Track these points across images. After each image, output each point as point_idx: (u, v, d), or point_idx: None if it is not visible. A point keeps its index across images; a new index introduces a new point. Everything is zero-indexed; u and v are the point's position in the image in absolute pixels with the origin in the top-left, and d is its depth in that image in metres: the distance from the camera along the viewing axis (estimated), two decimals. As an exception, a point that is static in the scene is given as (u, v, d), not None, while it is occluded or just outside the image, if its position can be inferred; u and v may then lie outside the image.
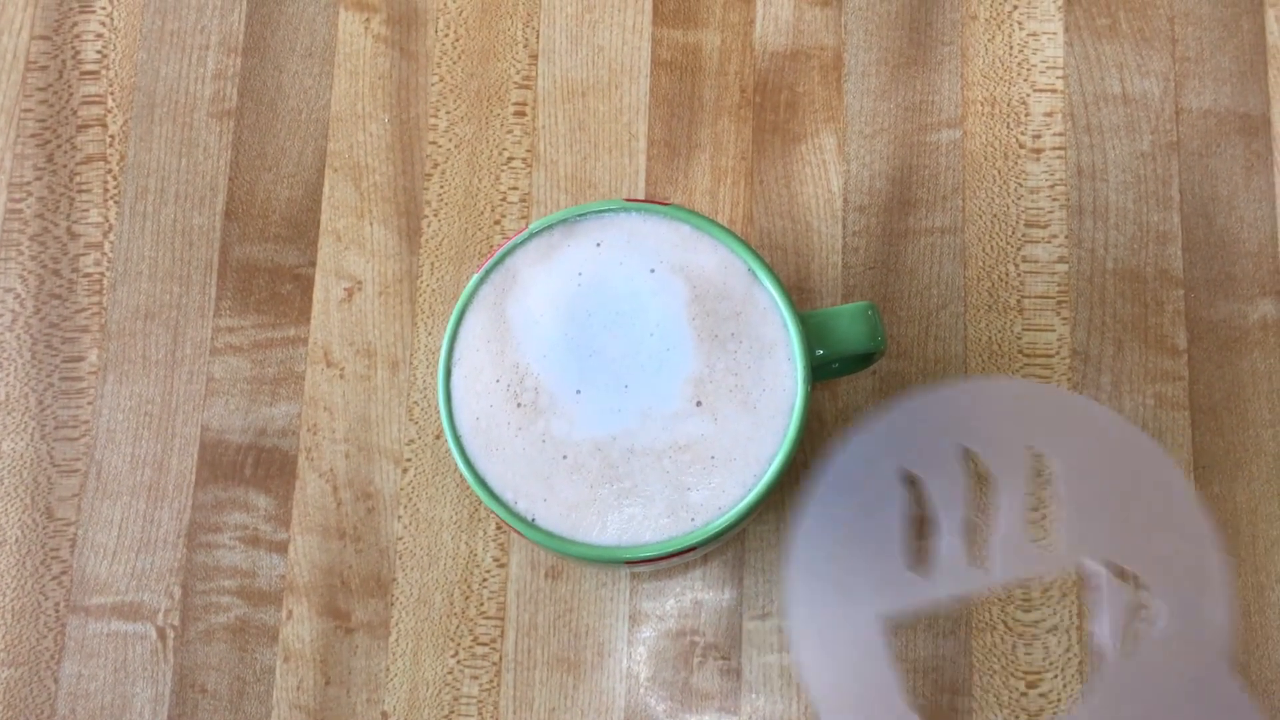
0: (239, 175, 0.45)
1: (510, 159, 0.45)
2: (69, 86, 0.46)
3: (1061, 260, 0.43)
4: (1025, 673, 0.40)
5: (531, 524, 0.33)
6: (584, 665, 0.41)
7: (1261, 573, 0.41)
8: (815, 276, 0.43)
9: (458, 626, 0.41)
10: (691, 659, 0.41)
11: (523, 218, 0.44)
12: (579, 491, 0.33)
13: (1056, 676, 0.40)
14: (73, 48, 0.46)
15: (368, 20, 0.46)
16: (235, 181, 0.45)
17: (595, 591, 0.41)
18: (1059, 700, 0.40)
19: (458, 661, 0.41)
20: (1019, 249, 0.43)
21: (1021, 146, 0.44)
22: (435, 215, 0.44)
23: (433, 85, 0.45)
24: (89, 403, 0.43)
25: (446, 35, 0.46)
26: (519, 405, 0.34)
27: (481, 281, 0.35)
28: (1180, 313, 0.43)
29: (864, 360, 0.37)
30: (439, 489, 0.42)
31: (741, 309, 0.34)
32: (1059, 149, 0.44)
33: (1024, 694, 0.40)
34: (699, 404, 0.33)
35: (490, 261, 0.35)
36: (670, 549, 0.33)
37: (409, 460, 0.42)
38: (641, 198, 0.43)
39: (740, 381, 0.34)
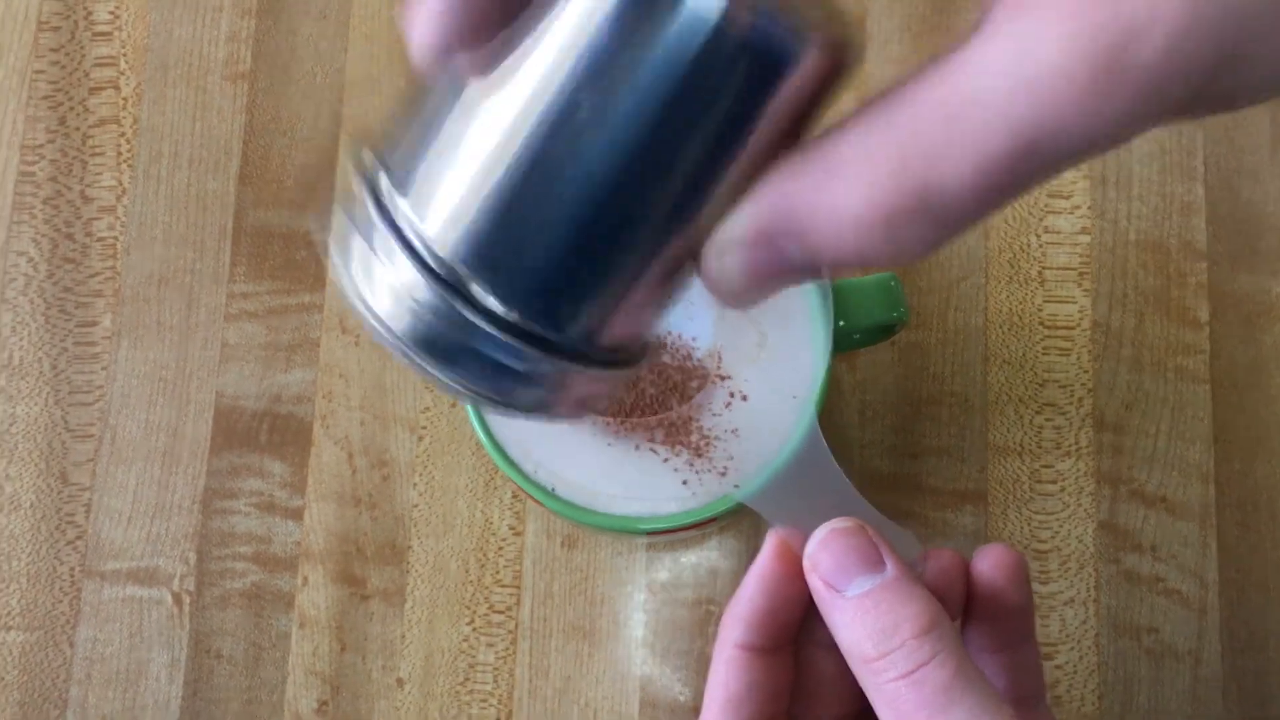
0: (253, 139, 0.44)
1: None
2: (81, 48, 0.45)
3: (1084, 231, 0.43)
4: (1042, 644, 0.40)
5: (551, 493, 0.33)
6: (599, 633, 0.41)
7: (1280, 547, 0.40)
8: (835, 246, 0.43)
9: (473, 594, 0.41)
10: (707, 628, 0.41)
11: (539, 184, 0.44)
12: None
13: (1073, 649, 0.40)
14: (85, 8, 0.45)
15: (383, -18, 0.45)
16: (250, 146, 0.44)
17: (611, 560, 0.41)
18: (1075, 672, 0.40)
19: (473, 629, 0.41)
20: (1041, 219, 0.43)
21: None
22: (451, 181, 0.44)
23: (449, 49, 0.45)
24: (103, 368, 0.43)
25: (463, -2, 0.45)
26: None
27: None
28: (1203, 285, 0.42)
29: (885, 331, 0.37)
30: (455, 457, 0.42)
31: (764, 278, 0.34)
32: (1083, 118, 0.43)
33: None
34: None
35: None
36: (690, 519, 0.33)
37: (424, 428, 0.42)
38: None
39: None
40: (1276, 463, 0.41)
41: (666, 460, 0.33)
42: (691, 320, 0.33)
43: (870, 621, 0.26)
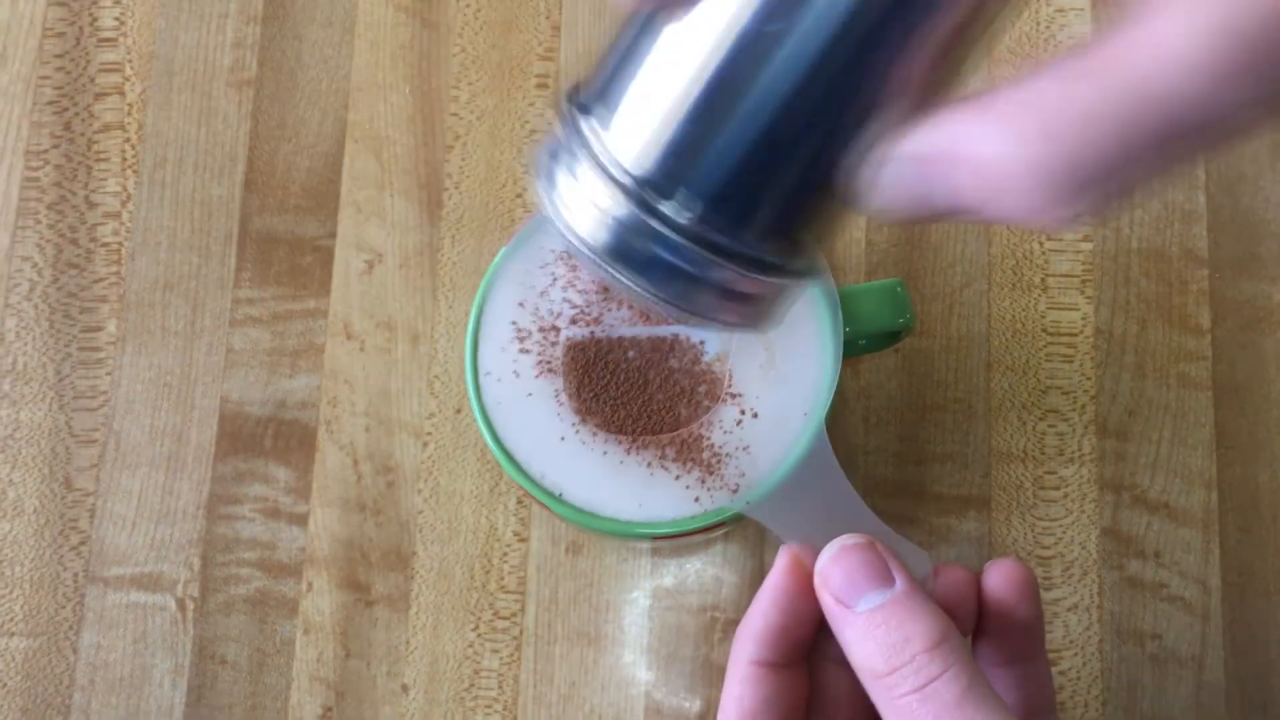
0: (258, 145, 0.44)
1: (532, 131, 0.44)
2: (86, 53, 0.45)
3: (1086, 239, 0.43)
4: (1046, 650, 0.40)
5: (559, 499, 0.33)
6: (604, 640, 0.41)
7: (1282, 553, 0.41)
8: (839, 252, 0.43)
9: (478, 600, 0.41)
10: (712, 635, 0.41)
11: (544, 191, 0.44)
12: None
13: (1077, 654, 0.40)
14: (90, 14, 0.46)
15: (388, -11, 0.45)
16: (255, 151, 0.44)
17: (616, 566, 0.41)
18: (1079, 678, 0.40)
19: (478, 635, 0.41)
20: (1044, 227, 0.43)
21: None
22: (456, 188, 0.44)
23: (454, 56, 0.45)
24: (108, 373, 0.43)
25: (468, 6, 0.45)
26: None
27: (509, 254, 0.34)
28: (1205, 292, 0.42)
29: (890, 338, 0.37)
30: (460, 463, 0.42)
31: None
32: (1085, 127, 0.44)
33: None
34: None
35: (518, 234, 0.34)
36: (696, 525, 0.33)
37: (429, 434, 0.42)
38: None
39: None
40: (1278, 468, 0.41)
41: (679, 478, 0.33)
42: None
43: (880, 636, 0.26)
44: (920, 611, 0.27)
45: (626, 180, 0.22)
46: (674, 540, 0.39)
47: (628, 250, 0.23)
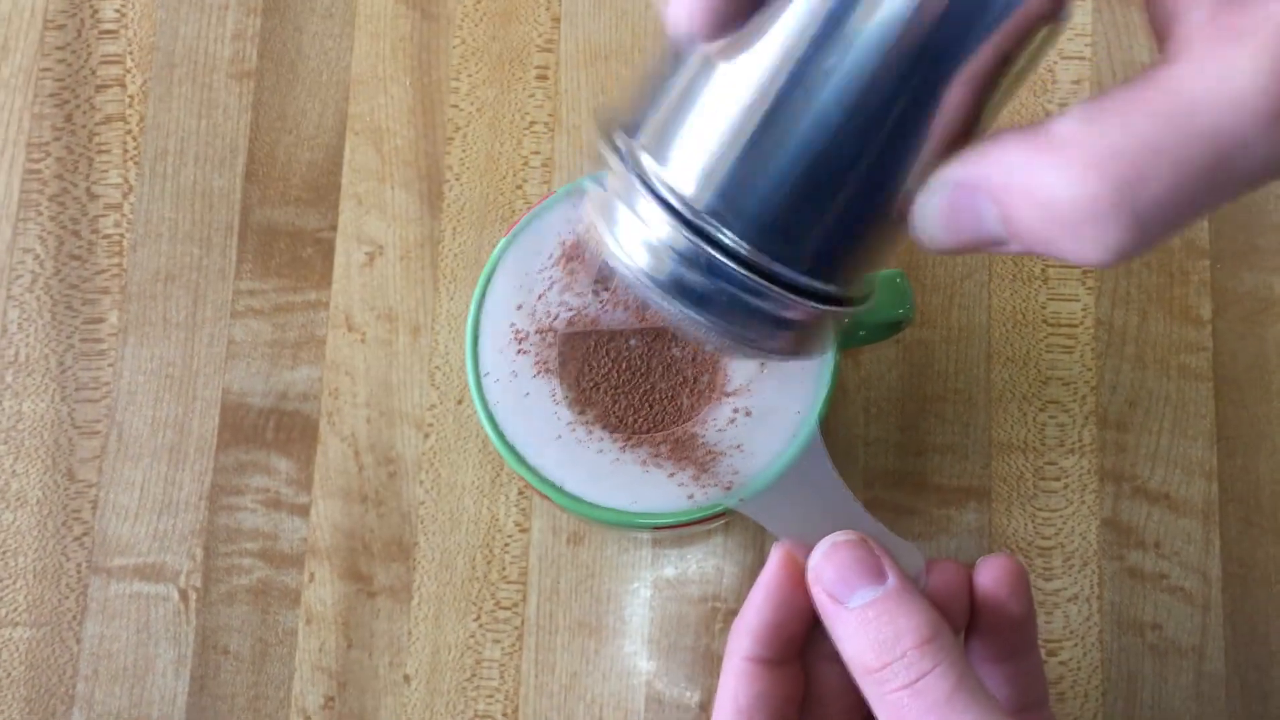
0: (259, 137, 0.45)
1: (532, 123, 0.44)
2: (87, 45, 0.45)
3: (1087, 230, 0.43)
4: (1046, 641, 0.40)
5: (560, 489, 0.33)
6: (606, 630, 0.41)
7: (1282, 544, 0.41)
8: (839, 244, 0.43)
9: (480, 591, 0.41)
10: (713, 625, 0.41)
11: (545, 183, 0.44)
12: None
13: (1077, 645, 0.40)
14: (91, 6, 0.46)
15: (389, -19, 0.45)
16: (255, 143, 0.44)
17: (617, 557, 0.41)
18: (1079, 669, 0.40)
19: (480, 625, 0.41)
20: (1044, 218, 0.43)
21: (1048, 114, 0.44)
22: (457, 179, 0.44)
23: (454, 48, 0.45)
24: (110, 364, 0.43)
25: (468, -3, 0.45)
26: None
27: (509, 246, 0.35)
28: (1205, 283, 0.42)
29: (891, 328, 0.37)
30: (461, 454, 0.42)
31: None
32: (1086, 117, 0.44)
33: (1044, 662, 0.40)
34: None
35: (517, 226, 0.34)
36: (697, 515, 0.33)
37: (430, 425, 0.42)
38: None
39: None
40: (1278, 459, 0.41)
41: (672, 475, 0.33)
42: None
43: (872, 632, 0.27)
44: (911, 608, 0.27)
45: (686, 212, 0.23)
46: (674, 530, 0.39)
47: (687, 282, 0.24)
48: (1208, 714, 0.40)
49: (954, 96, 0.22)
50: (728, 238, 0.23)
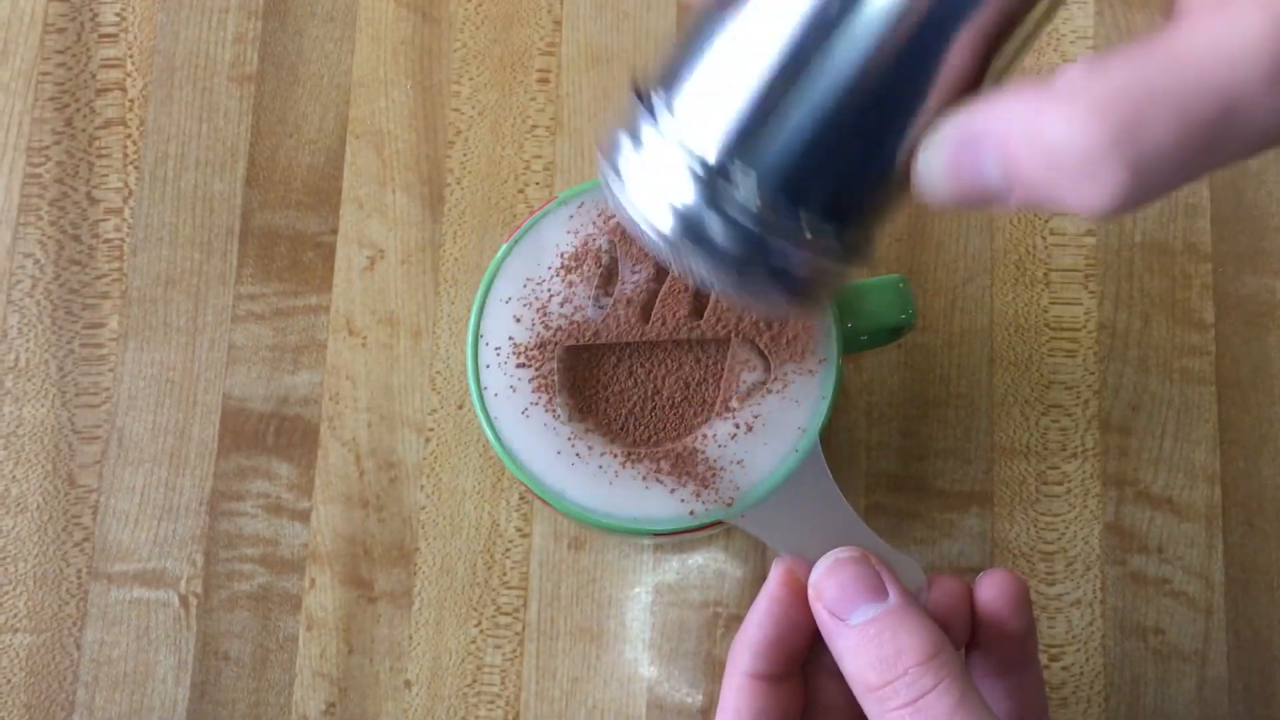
0: (260, 141, 0.44)
1: (534, 127, 0.44)
2: (87, 49, 0.45)
3: (1089, 233, 0.43)
4: (1048, 646, 0.40)
5: (560, 495, 0.33)
6: (607, 635, 0.41)
7: (1285, 548, 0.41)
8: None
9: (480, 596, 0.41)
10: (714, 630, 0.41)
11: (546, 186, 0.44)
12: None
13: (1080, 650, 0.40)
14: (91, 10, 0.45)
15: (389, -16, 0.45)
16: (256, 147, 0.44)
17: (618, 562, 0.41)
18: (1081, 674, 0.40)
19: (480, 631, 0.41)
20: (1047, 221, 0.43)
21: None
22: (458, 183, 0.44)
23: (455, 51, 0.45)
24: (110, 369, 0.43)
25: (469, 0, 0.45)
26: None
27: (510, 250, 0.34)
28: (1208, 287, 0.42)
29: (893, 334, 0.37)
30: (462, 459, 0.42)
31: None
32: (1088, 121, 0.43)
33: (1046, 667, 0.40)
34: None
35: (519, 230, 0.34)
36: (699, 522, 0.33)
37: (431, 430, 0.42)
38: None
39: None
40: (1282, 464, 0.41)
41: (673, 491, 0.33)
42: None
43: (873, 649, 0.26)
44: (913, 625, 0.27)
45: (699, 164, 0.24)
46: (675, 537, 0.39)
47: (699, 232, 0.24)
48: (1210, 718, 0.40)
49: (965, 45, 0.22)
50: (739, 190, 0.24)
